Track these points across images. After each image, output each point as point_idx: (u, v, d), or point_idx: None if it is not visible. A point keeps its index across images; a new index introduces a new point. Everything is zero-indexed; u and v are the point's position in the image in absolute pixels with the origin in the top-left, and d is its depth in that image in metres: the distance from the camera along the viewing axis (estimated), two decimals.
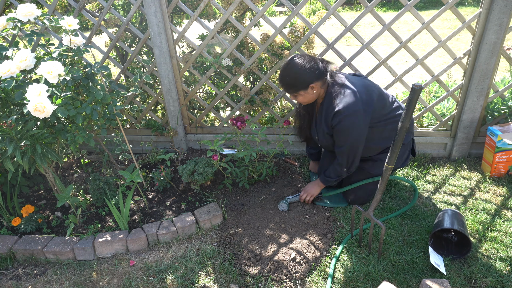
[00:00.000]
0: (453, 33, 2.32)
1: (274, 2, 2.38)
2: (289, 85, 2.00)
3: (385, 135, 2.11)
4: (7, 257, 2.10)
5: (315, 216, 2.25)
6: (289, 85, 2.00)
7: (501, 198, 2.31)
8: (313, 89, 1.99)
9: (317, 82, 1.97)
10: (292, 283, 1.83)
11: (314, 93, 2.01)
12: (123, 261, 2.06)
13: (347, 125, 1.94)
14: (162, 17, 2.46)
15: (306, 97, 2.03)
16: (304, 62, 1.96)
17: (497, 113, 2.61)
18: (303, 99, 2.05)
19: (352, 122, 1.93)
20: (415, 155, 2.38)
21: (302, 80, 1.95)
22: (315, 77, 1.96)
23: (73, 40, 1.98)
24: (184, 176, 2.38)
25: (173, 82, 2.70)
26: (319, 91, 2.02)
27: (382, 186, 1.77)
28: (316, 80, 1.97)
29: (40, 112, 1.71)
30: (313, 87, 1.97)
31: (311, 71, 1.95)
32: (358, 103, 1.91)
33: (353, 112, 1.91)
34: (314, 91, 2.00)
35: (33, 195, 2.60)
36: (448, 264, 1.85)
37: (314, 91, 2.00)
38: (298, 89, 1.99)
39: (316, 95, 2.03)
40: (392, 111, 2.11)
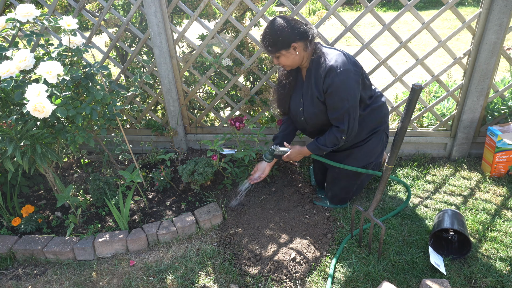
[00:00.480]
0: (453, 33, 2.32)
1: (274, 2, 2.38)
2: (270, 44, 1.90)
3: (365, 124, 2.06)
4: (7, 257, 2.10)
5: (315, 216, 2.25)
6: (271, 44, 1.90)
7: (501, 198, 2.31)
8: (295, 50, 1.90)
9: (299, 42, 1.88)
10: (292, 283, 1.83)
11: (297, 55, 1.92)
12: (123, 261, 2.06)
13: (343, 80, 1.83)
14: (162, 17, 2.46)
15: (289, 58, 1.94)
16: (286, 21, 1.88)
17: (497, 113, 2.61)
18: (286, 61, 1.95)
19: (347, 78, 1.83)
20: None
21: (283, 38, 1.87)
22: (297, 36, 1.87)
23: (72, 40, 1.98)
24: (184, 176, 2.38)
25: (173, 82, 2.70)
26: (302, 53, 1.93)
27: (382, 186, 1.77)
28: (298, 40, 1.88)
29: (40, 112, 1.71)
30: (295, 47, 1.89)
31: (292, 30, 1.86)
32: (348, 63, 1.85)
33: (346, 70, 1.83)
34: (297, 52, 1.91)
35: (33, 195, 2.60)
36: (448, 264, 1.85)
37: (296, 52, 1.90)
38: (279, 48, 1.90)
39: (299, 57, 1.94)
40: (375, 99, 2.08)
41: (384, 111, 2.14)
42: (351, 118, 1.90)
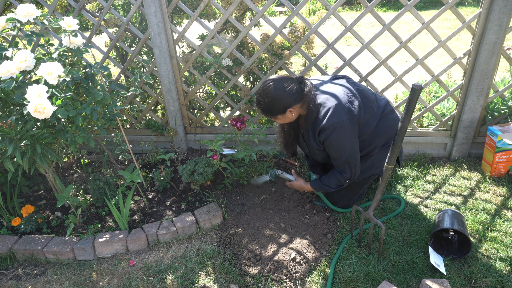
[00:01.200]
0: (453, 33, 2.32)
1: (274, 2, 2.38)
2: (265, 111, 1.92)
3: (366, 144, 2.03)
4: (7, 257, 2.10)
5: (315, 216, 2.25)
6: (266, 111, 1.92)
7: (501, 198, 2.31)
8: (291, 113, 1.90)
9: (295, 105, 1.87)
10: (292, 283, 1.83)
11: (293, 116, 1.93)
12: (123, 261, 2.06)
13: (336, 138, 1.85)
14: (162, 17, 2.46)
15: (285, 120, 1.96)
16: (280, 86, 1.85)
17: (497, 113, 2.61)
18: (283, 121, 1.99)
19: (340, 135, 1.84)
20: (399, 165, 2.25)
21: (279, 106, 1.86)
22: (293, 101, 1.85)
23: (72, 41, 1.98)
24: (184, 176, 2.38)
25: (173, 82, 2.70)
26: (298, 111, 1.93)
27: (382, 186, 1.77)
28: (294, 104, 1.87)
29: (40, 113, 1.71)
30: (291, 110, 1.88)
31: (288, 96, 1.84)
32: (342, 114, 1.82)
33: (338, 125, 1.82)
34: (293, 114, 1.91)
35: (33, 195, 2.60)
36: (448, 264, 1.85)
37: (292, 114, 1.91)
38: (276, 114, 1.91)
39: (296, 115, 1.95)
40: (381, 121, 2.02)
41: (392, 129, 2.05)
42: (351, 164, 1.93)
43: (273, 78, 1.91)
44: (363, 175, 2.11)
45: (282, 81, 1.87)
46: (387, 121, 2.03)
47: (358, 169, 1.98)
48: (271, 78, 1.91)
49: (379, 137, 2.02)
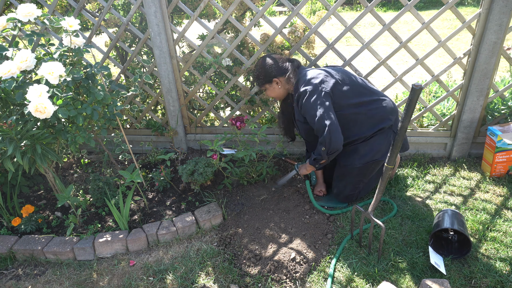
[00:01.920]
0: (453, 33, 2.32)
1: (274, 2, 2.38)
2: (254, 77, 2.28)
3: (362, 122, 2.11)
4: (7, 257, 2.10)
5: (315, 216, 2.25)
6: (255, 77, 2.27)
7: (501, 198, 2.31)
8: (278, 84, 2.21)
9: (280, 77, 2.19)
10: (292, 283, 1.84)
11: (280, 88, 2.23)
12: (123, 261, 2.06)
13: (308, 101, 2.02)
14: (162, 17, 2.46)
15: (273, 91, 2.26)
16: (269, 60, 2.20)
17: (497, 113, 2.61)
18: (271, 93, 2.27)
19: (311, 97, 2.01)
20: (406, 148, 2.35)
21: (265, 74, 2.20)
22: (278, 72, 2.17)
23: (73, 41, 1.98)
24: (184, 176, 2.38)
25: (173, 82, 2.70)
26: (285, 85, 2.22)
27: (382, 186, 1.77)
28: (279, 75, 2.18)
29: (41, 113, 1.71)
30: (277, 82, 2.20)
31: (272, 67, 2.18)
32: (315, 82, 2.04)
33: (310, 89, 2.02)
34: (279, 86, 2.22)
35: (33, 195, 2.60)
36: (448, 264, 1.85)
37: (279, 86, 2.22)
38: (263, 82, 2.23)
39: (283, 90, 2.24)
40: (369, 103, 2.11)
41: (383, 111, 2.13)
42: (326, 132, 1.96)
43: (270, 54, 2.28)
44: (363, 159, 2.14)
45: (274, 56, 2.24)
46: (378, 103, 2.14)
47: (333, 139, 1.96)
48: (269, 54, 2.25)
49: (371, 118, 2.12)
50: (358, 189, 2.28)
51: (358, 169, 2.18)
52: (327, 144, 1.98)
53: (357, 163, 2.16)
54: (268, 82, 2.22)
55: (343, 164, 2.22)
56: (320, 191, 2.45)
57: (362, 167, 2.17)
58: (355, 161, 2.16)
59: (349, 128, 2.09)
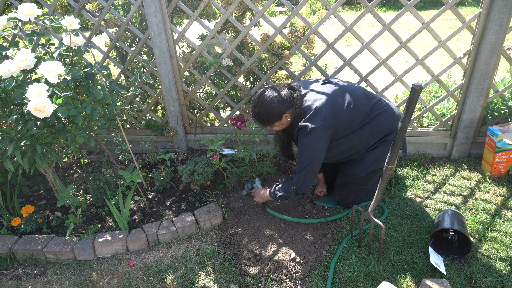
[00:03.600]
0: (453, 33, 2.32)
1: (274, 2, 2.38)
2: (263, 121, 2.07)
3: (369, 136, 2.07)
4: (7, 257, 2.10)
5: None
6: (264, 121, 2.07)
7: (501, 198, 2.31)
8: (286, 118, 2.04)
9: (289, 110, 2.02)
10: (292, 283, 1.83)
11: (288, 121, 2.07)
12: (123, 261, 2.06)
13: (305, 141, 1.94)
14: (162, 17, 2.46)
15: (281, 126, 2.10)
16: (273, 94, 2.01)
17: (497, 113, 2.61)
18: (279, 128, 2.12)
19: (308, 140, 1.93)
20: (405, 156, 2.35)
21: (275, 113, 2.01)
22: (286, 106, 2.00)
23: (73, 40, 1.98)
24: (184, 176, 2.38)
25: (173, 82, 2.70)
26: (292, 117, 2.06)
27: (382, 186, 1.77)
28: (288, 109, 2.01)
29: (41, 112, 1.71)
30: (286, 116, 2.02)
31: (281, 102, 1.99)
32: (317, 119, 1.91)
33: (311, 128, 1.91)
34: (288, 119, 2.05)
35: (33, 195, 2.60)
36: (448, 264, 1.85)
37: (288, 119, 2.05)
38: (273, 122, 2.05)
39: (290, 121, 2.08)
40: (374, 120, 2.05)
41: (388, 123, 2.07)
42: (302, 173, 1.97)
43: (265, 88, 2.06)
44: (367, 169, 2.13)
45: (274, 90, 2.03)
46: (382, 116, 2.06)
47: (305, 183, 2.00)
48: (262, 89, 2.06)
49: (376, 133, 2.05)
50: (360, 196, 2.27)
51: (362, 179, 2.17)
52: (299, 184, 2.00)
53: (361, 173, 2.14)
54: (278, 120, 2.04)
55: (347, 173, 2.20)
56: (320, 191, 2.44)
57: (365, 177, 2.16)
58: (359, 171, 2.14)
59: (355, 146, 2.07)
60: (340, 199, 2.29)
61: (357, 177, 2.15)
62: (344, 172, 2.22)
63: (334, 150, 2.05)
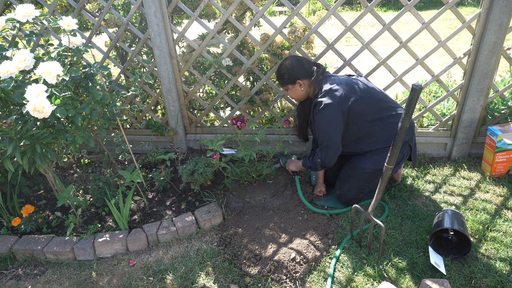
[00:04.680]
0: (453, 33, 2.32)
1: (274, 2, 2.38)
2: (279, 76, 2.23)
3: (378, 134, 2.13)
4: (7, 257, 2.10)
5: (315, 216, 2.25)
6: (279, 76, 2.23)
7: (501, 198, 2.31)
8: (300, 86, 2.18)
9: (304, 79, 2.16)
10: (292, 283, 1.83)
11: (302, 90, 2.20)
12: (123, 261, 2.06)
13: (321, 116, 2.05)
14: (162, 17, 2.46)
15: (295, 92, 2.24)
16: (296, 61, 2.18)
17: (497, 113, 2.61)
18: (292, 94, 2.26)
19: (326, 111, 2.03)
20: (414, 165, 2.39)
21: (289, 75, 2.17)
22: (303, 74, 2.16)
23: (72, 40, 1.98)
24: (184, 176, 2.38)
25: (173, 82, 2.70)
26: (307, 89, 2.20)
27: (382, 186, 1.77)
28: (302, 78, 2.16)
29: (39, 113, 1.71)
30: (300, 83, 2.17)
31: (298, 69, 2.16)
32: (335, 96, 2.03)
33: (327, 103, 2.02)
34: (302, 88, 2.19)
35: (33, 195, 2.60)
36: (448, 264, 1.85)
37: (301, 88, 2.19)
38: (286, 82, 2.20)
39: (305, 92, 2.22)
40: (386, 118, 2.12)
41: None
42: (324, 147, 2.10)
43: (296, 55, 2.25)
44: (375, 165, 2.15)
45: (300, 58, 2.22)
46: (395, 118, 2.15)
47: (329, 156, 2.11)
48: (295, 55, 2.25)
49: (386, 132, 2.14)
50: (362, 193, 2.27)
51: (367, 174, 2.19)
52: (323, 158, 2.13)
53: (367, 168, 2.17)
54: (291, 83, 2.19)
55: (354, 166, 2.23)
56: (320, 191, 2.44)
57: (371, 173, 2.18)
58: (367, 166, 2.17)
59: (363, 140, 2.15)
60: (340, 193, 2.29)
61: (364, 171, 2.19)
62: (351, 165, 2.25)
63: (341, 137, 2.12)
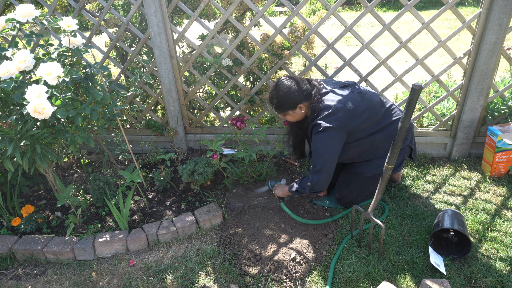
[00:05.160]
0: (453, 33, 2.32)
1: (274, 2, 2.38)
2: (277, 106, 2.09)
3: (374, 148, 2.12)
4: (7, 257, 2.10)
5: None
6: (278, 106, 2.09)
7: (501, 198, 2.31)
8: (301, 109, 2.08)
9: (305, 102, 2.06)
10: (292, 283, 1.83)
11: (302, 113, 2.10)
12: (123, 261, 2.06)
13: (318, 138, 1.99)
14: (162, 17, 2.46)
15: (294, 117, 2.13)
16: (292, 83, 2.05)
17: (497, 113, 2.61)
18: (292, 118, 2.15)
19: (322, 138, 1.98)
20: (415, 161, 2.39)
21: (290, 101, 2.05)
22: (302, 97, 2.04)
23: (72, 41, 1.98)
24: (184, 176, 2.38)
25: (173, 82, 2.70)
26: (306, 110, 2.10)
27: (382, 186, 1.77)
28: (304, 101, 2.05)
29: (40, 114, 1.71)
30: (301, 107, 2.06)
31: (298, 92, 2.03)
32: (332, 119, 1.96)
33: (326, 127, 1.95)
34: (302, 111, 2.09)
35: (33, 195, 2.60)
36: (448, 264, 1.85)
37: (302, 111, 2.09)
38: (287, 109, 2.08)
39: (304, 114, 2.12)
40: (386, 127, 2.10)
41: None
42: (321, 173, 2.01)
43: (285, 77, 2.10)
44: (376, 170, 2.15)
45: (294, 79, 2.08)
46: (394, 124, 2.12)
47: (320, 181, 2.02)
48: (283, 77, 2.10)
49: (388, 140, 2.09)
50: (361, 196, 2.27)
51: (368, 179, 2.19)
52: (313, 183, 2.03)
53: (368, 173, 2.17)
54: (292, 109, 2.08)
55: (354, 171, 2.22)
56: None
57: (372, 177, 2.18)
58: (368, 171, 2.17)
59: (366, 151, 2.13)
60: (340, 196, 2.29)
61: (364, 176, 2.18)
62: (351, 169, 2.24)
63: (344, 153, 2.09)
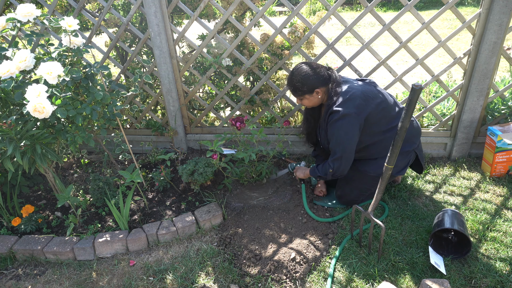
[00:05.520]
0: (453, 33, 2.32)
1: (274, 2, 2.38)
2: (296, 88, 2.12)
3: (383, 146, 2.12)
4: (7, 257, 2.10)
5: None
6: (296, 88, 2.12)
7: (501, 198, 2.31)
8: (318, 94, 2.11)
9: (322, 87, 2.09)
10: (292, 283, 1.83)
11: (319, 98, 2.13)
12: (123, 261, 2.06)
13: (337, 126, 2.01)
14: (162, 17, 2.46)
15: (311, 101, 2.15)
16: (311, 68, 2.09)
17: (497, 113, 2.61)
18: (308, 103, 2.17)
19: (342, 121, 1.99)
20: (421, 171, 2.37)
21: (308, 85, 2.08)
22: (320, 82, 2.07)
23: (72, 41, 1.98)
24: (184, 176, 2.38)
25: (173, 82, 2.70)
26: (323, 96, 2.13)
27: (382, 186, 1.77)
28: (321, 86, 2.08)
29: (40, 113, 1.71)
30: (318, 92, 2.09)
31: (317, 77, 2.07)
32: (351, 106, 1.98)
33: (344, 113, 1.97)
34: (319, 96, 2.12)
35: (33, 195, 2.60)
36: (448, 264, 1.85)
37: (319, 96, 2.12)
38: (304, 92, 2.11)
39: (320, 99, 2.15)
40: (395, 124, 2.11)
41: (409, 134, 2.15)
42: (337, 159, 2.07)
43: (303, 62, 2.15)
44: (380, 170, 2.14)
45: (313, 64, 2.12)
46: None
47: (342, 167, 2.08)
48: (301, 62, 2.14)
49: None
50: (363, 196, 2.27)
51: (371, 178, 2.19)
52: (335, 169, 2.09)
53: (372, 172, 2.17)
54: (309, 93, 2.10)
55: (357, 169, 2.22)
56: (320, 191, 2.44)
57: (375, 177, 2.17)
58: (371, 169, 2.17)
59: (374, 146, 2.13)
60: (341, 194, 2.29)
61: (368, 174, 2.18)
62: (354, 167, 2.23)
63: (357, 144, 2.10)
